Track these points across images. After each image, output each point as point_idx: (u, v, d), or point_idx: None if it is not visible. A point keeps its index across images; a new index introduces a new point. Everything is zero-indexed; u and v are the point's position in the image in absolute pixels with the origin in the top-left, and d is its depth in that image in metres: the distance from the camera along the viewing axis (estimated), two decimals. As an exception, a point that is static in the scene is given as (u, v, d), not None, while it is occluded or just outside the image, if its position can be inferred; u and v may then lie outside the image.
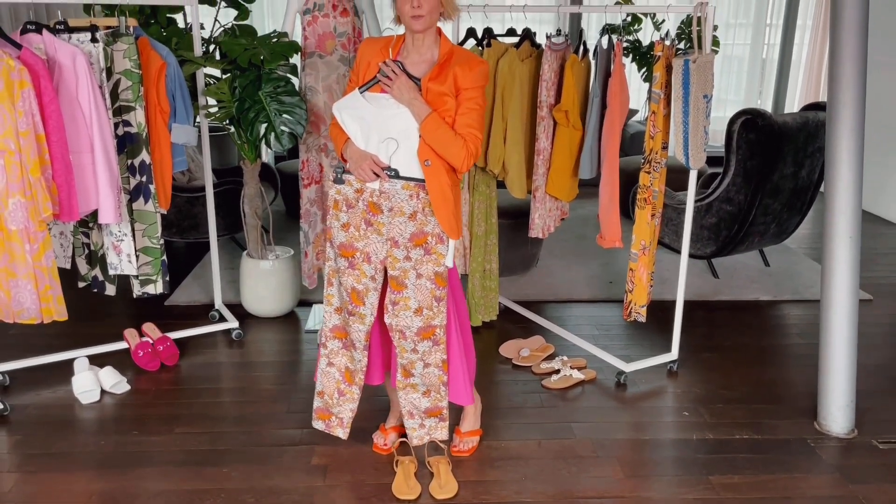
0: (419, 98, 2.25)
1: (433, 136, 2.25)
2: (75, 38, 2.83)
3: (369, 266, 2.38)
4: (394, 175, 2.29)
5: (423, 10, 2.21)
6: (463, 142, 2.26)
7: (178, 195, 4.36)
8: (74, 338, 3.45)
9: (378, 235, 2.35)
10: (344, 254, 2.40)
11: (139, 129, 2.95)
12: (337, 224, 2.40)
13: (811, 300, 4.07)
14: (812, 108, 4.20)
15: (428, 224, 2.33)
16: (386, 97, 2.29)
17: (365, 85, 2.32)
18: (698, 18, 2.84)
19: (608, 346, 3.47)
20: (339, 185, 2.37)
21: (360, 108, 2.31)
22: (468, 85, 2.28)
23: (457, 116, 2.28)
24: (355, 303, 2.42)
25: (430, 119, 2.25)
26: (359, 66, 2.38)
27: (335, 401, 2.55)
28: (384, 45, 2.37)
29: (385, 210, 2.33)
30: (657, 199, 3.04)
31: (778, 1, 7.33)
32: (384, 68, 2.28)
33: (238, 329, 3.53)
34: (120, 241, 3.01)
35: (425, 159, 2.27)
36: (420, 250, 2.34)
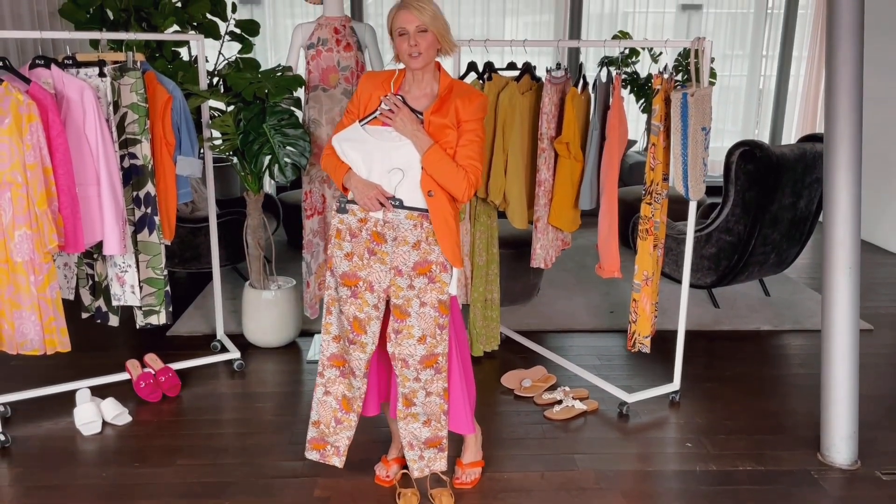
0: (421, 130, 2.30)
1: (435, 167, 2.29)
2: (83, 73, 2.87)
3: (372, 295, 2.40)
4: (398, 205, 2.32)
5: (419, 48, 2.27)
6: (464, 173, 2.31)
7: (181, 225, 4.38)
8: (77, 369, 3.45)
9: (381, 265, 2.37)
10: (346, 283, 2.41)
11: (145, 162, 2.98)
12: (340, 253, 2.42)
13: (812, 330, 4.08)
14: (809, 140, 4.25)
15: (432, 253, 2.35)
16: (388, 130, 2.33)
17: (366, 118, 2.36)
18: (696, 52, 2.89)
19: (610, 376, 3.47)
20: (343, 215, 2.40)
21: (362, 140, 2.34)
22: (468, 117, 2.33)
23: (457, 148, 2.32)
24: (357, 331, 2.43)
25: (433, 151, 2.28)
26: (359, 99, 2.42)
27: (332, 429, 2.55)
28: (385, 79, 2.41)
29: (389, 239, 2.35)
30: (659, 229, 3.07)
31: (774, 32, 7.44)
32: (386, 102, 2.32)
33: (240, 359, 3.54)
34: (124, 273, 3.02)
35: (428, 190, 2.31)
36: (424, 279, 2.36)
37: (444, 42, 2.33)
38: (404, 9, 2.28)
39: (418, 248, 2.35)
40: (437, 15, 2.30)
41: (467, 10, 7.13)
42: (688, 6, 7.34)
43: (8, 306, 2.73)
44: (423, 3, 2.28)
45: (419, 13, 2.26)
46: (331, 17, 3.36)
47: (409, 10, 2.27)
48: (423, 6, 2.28)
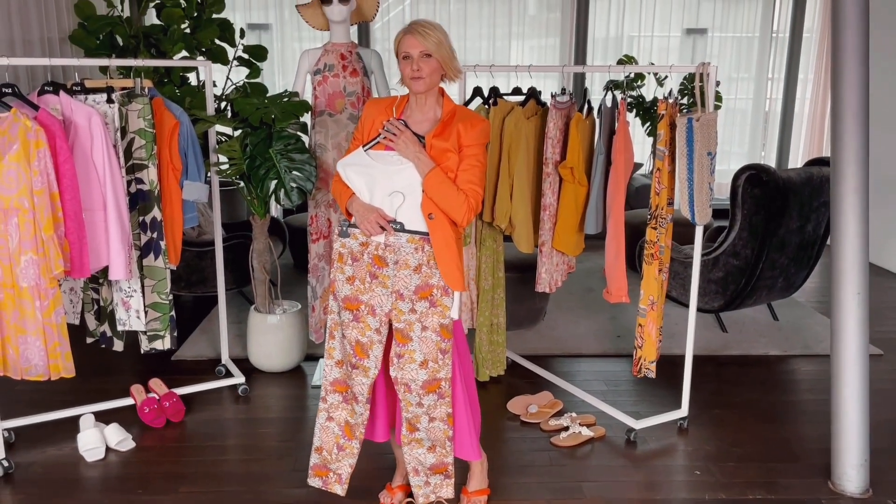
0: (423, 153, 2.31)
1: (436, 189, 2.29)
2: (92, 99, 2.90)
3: (374, 319, 2.39)
4: (399, 228, 2.32)
5: (422, 72, 2.29)
6: (465, 197, 2.31)
7: (187, 249, 4.39)
8: (81, 393, 3.44)
9: (383, 288, 2.37)
10: (348, 307, 2.41)
11: (151, 187, 3.00)
12: (342, 277, 2.42)
13: (821, 355, 4.04)
14: (816, 164, 4.24)
15: (433, 276, 2.35)
16: (390, 154, 2.34)
17: (369, 143, 2.37)
18: (700, 76, 2.90)
19: (617, 401, 3.43)
20: (344, 239, 2.40)
21: (365, 164, 2.36)
22: (470, 142, 2.34)
23: (459, 172, 2.33)
24: (359, 355, 2.42)
25: (434, 173, 2.29)
26: (363, 125, 2.44)
27: (334, 456, 2.53)
28: (388, 104, 2.43)
29: (390, 263, 2.35)
30: (664, 254, 3.05)
31: (779, 55, 7.46)
32: (388, 126, 2.34)
33: (244, 384, 3.52)
34: (129, 297, 3.02)
35: (429, 213, 2.31)
36: (425, 303, 2.36)
37: (448, 68, 2.35)
38: (410, 34, 2.31)
39: (420, 271, 2.34)
40: (443, 41, 2.32)
41: (473, 34, 7.18)
42: (693, 30, 7.38)
43: (13, 332, 2.73)
44: (429, 28, 2.31)
45: (423, 39, 2.29)
46: (337, 44, 3.39)
47: (414, 36, 2.30)
48: (429, 32, 2.30)
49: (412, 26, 2.31)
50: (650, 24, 7.37)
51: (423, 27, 2.30)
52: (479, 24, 7.20)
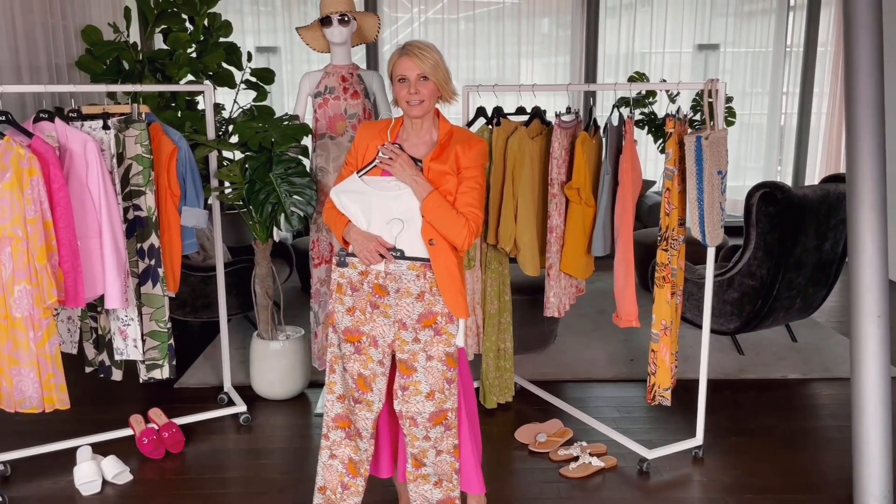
0: (421, 176, 2.24)
1: (435, 214, 2.22)
2: (88, 126, 2.86)
3: (376, 350, 2.31)
4: (399, 256, 2.25)
5: (420, 95, 2.22)
6: (465, 220, 2.23)
7: (193, 274, 4.34)
8: (80, 423, 3.38)
9: (385, 318, 2.29)
10: (349, 339, 2.33)
11: (149, 213, 2.95)
12: (341, 308, 2.34)
13: (842, 378, 3.90)
14: (832, 181, 4.12)
15: (437, 304, 2.27)
16: (387, 179, 2.27)
17: (364, 168, 2.30)
18: (710, 93, 2.81)
19: (630, 429, 3.32)
20: (343, 269, 2.33)
21: (361, 191, 2.28)
22: (468, 164, 2.27)
23: (458, 195, 2.26)
24: (362, 389, 2.33)
25: (432, 197, 2.22)
26: (356, 150, 2.37)
27: (338, 496, 2.43)
28: (382, 128, 2.36)
29: (392, 292, 2.27)
30: (677, 276, 2.95)
31: (794, 70, 7.35)
32: (383, 150, 2.27)
33: (246, 413, 3.44)
34: (126, 326, 2.97)
35: (429, 238, 2.24)
36: (429, 331, 2.27)
37: (444, 91, 2.28)
38: (406, 55, 2.24)
39: (422, 299, 2.26)
40: (439, 63, 2.25)
41: (482, 52, 7.14)
42: (705, 46, 7.30)
43: (6, 363, 2.67)
44: (425, 50, 2.24)
45: (420, 61, 2.22)
46: (338, 66, 3.34)
47: (411, 58, 2.22)
48: (425, 54, 2.23)
49: (407, 48, 2.24)
50: (661, 41, 7.30)
51: (419, 48, 2.23)
52: (489, 44, 7.17)
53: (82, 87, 3.13)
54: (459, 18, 7.13)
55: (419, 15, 7.12)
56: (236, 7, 6.96)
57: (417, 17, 7.12)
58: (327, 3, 3.24)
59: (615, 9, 7.20)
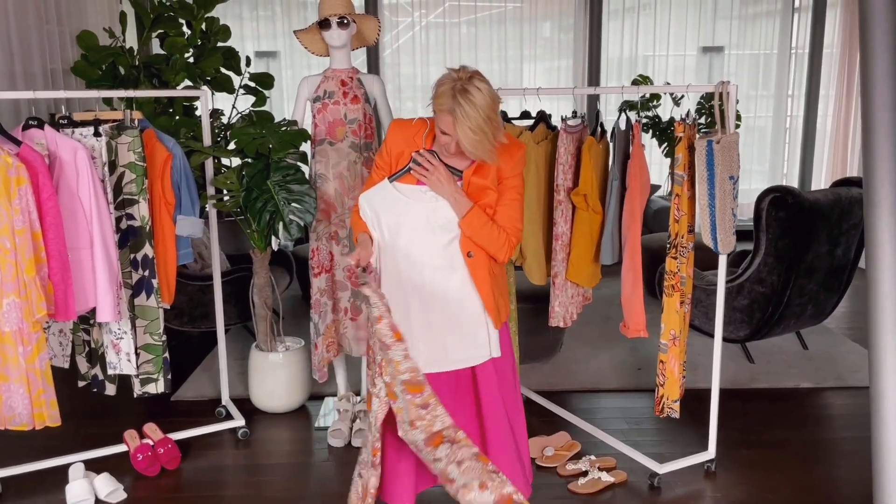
0: (460, 192, 2.16)
1: (475, 230, 2.16)
2: (79, 133, 2.77)
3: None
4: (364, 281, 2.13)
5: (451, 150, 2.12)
6: (505, 236, 2.19)
7: (190, 283, 4.25)
8: (75, 439, 3.29)
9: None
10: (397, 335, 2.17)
11: (142, 223, 2.86)
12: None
13: (857, 387, 3.80)
14: (843, 184, 4.03)
15: None
16: (421, 189, 2.18)
17: (396, 174, 2.20)
18: (720, 97, 2.72)
19: (639, 442, 3.22)
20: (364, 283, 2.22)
21: (393, 199, 2.20)
22: (510, 173, 2.20)
23: (499, 208, 2.19)
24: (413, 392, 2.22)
25: (473, 215, 2.15)
26: (388, 152, 2.25)
27: None
28: (416, 130, 2.24)
29: None
30: (686, 285, 2.86)
31: (799, 72, 7.26)
32: (418, 158, 2.17)
33: (244, 427, 3.35)
34: (119, 340, 2.88)
35: (468, 251, 2.18)
36: None
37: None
38: (450, 116, 2.03)
39: None
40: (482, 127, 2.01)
41: (484, 56, 7.06)
42: (709, 48, 7.21)
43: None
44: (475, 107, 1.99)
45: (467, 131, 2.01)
46: (338, 69, 3.25)
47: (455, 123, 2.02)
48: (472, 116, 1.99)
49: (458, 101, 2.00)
50: (665, 44, 7.21)
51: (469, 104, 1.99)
52: (491, 48, 7.09)
53: (76, 92, 3.05)
54: (461, 22, 7.06)
55: (420, 19, 7.04)
56: (235, 12, 6.88)
57: (419, 21, 7.04)
58: (326, 6, 3.15)
59: (618, 12, 7.12)
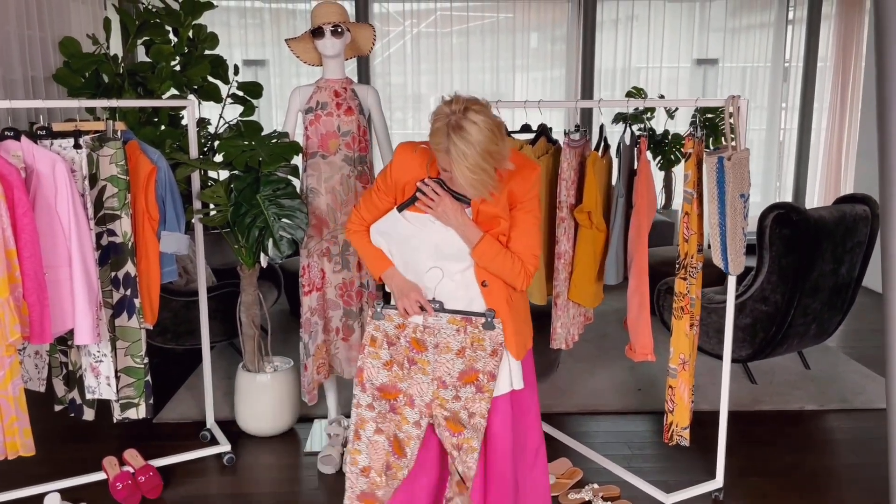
0: (469, 222, 2.03)
1: (488, 261, 2.04)
2: (58, 144, 2.63)
3: (412, 410, 2.11)
4: (439, 308, 2.07)
5: (455, 184, 1.99)
6: (521, 265, 2.06)
7: (175, 299, 4.10)
8: (50, 465, 3.12)
9: (423, 375, 2.10)
10: (385, 395, 2.12)
11: (125, 239, 2.71)
12: (376, 363, 2.13)
13: (862, 409, 3.70)
14: (847, 201, 3.94)
15: (478, 360, 2.07)
16: (430, 218, 2.07)
17: (404, 203, 2.09)
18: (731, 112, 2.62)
19: (643, 469, 3.10)
20: (379, 321, 2.13)
21: (403, 230, 2.09)
22: (523, 196, 2.07)
23: (514, 235, 2.06)
24: (397, 454, 2.12)
25: (484, 244, 2.03)
26: (393, 177, 2.11)
27: None
28: (422, 160, 2.09)
29: (430, 347, 2.09)
30: (695, 306, 2.75)
31: (793, 85, 7.22)
32: (423, 188, 2.03)
33: (230, 453, 3.19)
34: (98, 363, 2.72)
35: (482, 280, 2.07)
36: (471, 388, 2.08)
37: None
38: (447, 155, 1.89)
39: (463, 355, 2.08)
40: (479, 165, 1.87)
41: (476, 66, 6.97)
42: (703, 60, 7.15)
43: (-36, 406, 2.42)
44: (473, 145, 1.85)
45: (466, 171, 1.87)
46: (331, 80, 3.12)
47: (453, 162, 1.89)
48: (470, 155, 1.85)
49: (453, 138, 1.86)
50: (658, 55, 7.15)
51: (466, 143, 1.84)
52: (483, 58, 6.99)
53: (55, 101, 2.91)
54: (452, 32, 6.96)
55: (411, 28, 6.94)
56: (223, 20, 6.75)
57: (409, 30, 6.93)
58: (319, 14, 3.03)
59: (611, 23, 7.05)
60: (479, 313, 2.08)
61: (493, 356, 2.08)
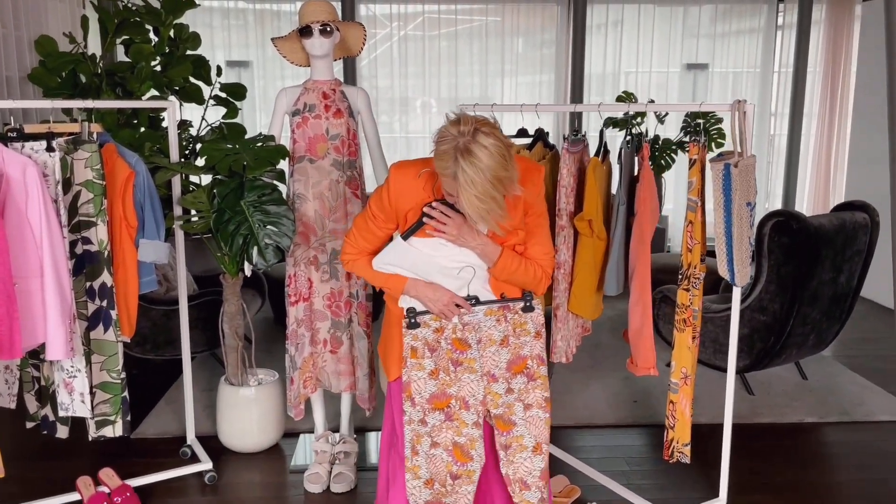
0: (485, 238, 1.95)
1: (510, 275, 1.99)
2: (29, 147, 2.48)
3: (469, 413, 2.01)
4: (475, 303, 2.00)
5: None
6: (542, 270, 2.01)
7: (154, 308, 3.95)
8: (21, 485, 2.96)
9: (471, 374, 2.00)
10: (437, 406, 2.01)
11: (101, 247, 2.56)
12: (422, 374, 2.01)
13: (862, 421, 3.62)
14: (846, 208, 3.86)
15: (524, 347, 2.02)
16: (441, 242, 1.96)
17: (408, 230, 1.97)
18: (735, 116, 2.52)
19: (642, 486, 2.99)
20: (415, 330, 2.01)
21: (413, 258, 1.98)
22: (533, 201, 2.01)
23: (530, 243, 2.02)
24: (461, 460, 2.01)
25: (504, 259, 1.97)
26: (391, 203, 2.00)
27: None
28: (424, 183, 1.97)
29: (473, 343, 2.00)
30: (697, 318, 2.64)
31: (782, 90, 7.17)
32: (431, 212, 1.91)
33: (211, 471, 3.05)
34: (72, 378, 2.57)
35: (501, 293, 2.01)
36: (522, 378, 2.02)
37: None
38: (454, 181, 1.78)
39: (507, 344, 2.02)
40: (489, 193, 1.76)
41: (464, 70, 6.86)
42: (693, 65, 7.09)
43: (-74, 426, 2.26)
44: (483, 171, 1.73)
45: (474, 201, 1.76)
46: (319, 81, 2.99)
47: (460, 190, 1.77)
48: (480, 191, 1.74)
49: (459, 168, 1.74)
50: (647, 60, 7.08)
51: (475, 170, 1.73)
52: (471, 61, 6.88)
53: (29, 102, 2.76)
54: (440, 35, 6.84)
55: (398, 30, 6.82)
56: (205, 21, 6.60)
57: (396, 32, 6.81)
58: (308, 12, 2.90)
59: (600, 27, 6.97)
60: (515, 298, 2.03)
61: (537, 338, 2.04)
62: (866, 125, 6.07)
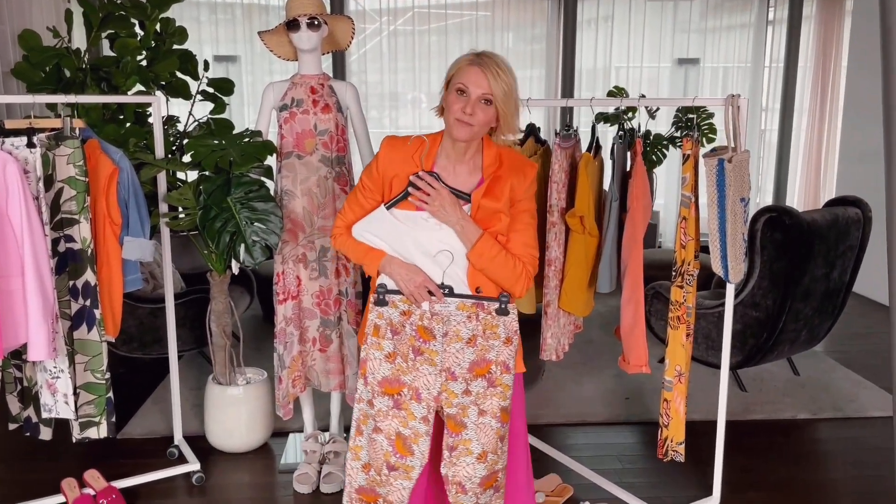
0: (467, 218, 1.90)
1: (486, 262, 1.90)
2: (10, 143, 2.42)
3: (419, 405, 1.95)
4: (448, 293, 1.92)
5: (475, 119, 1.87)
6: (521, 266, 1.93)
7: (140, 306, 3.89)
8: (6, 487, 2.91)
9: (430, 366, 1.94)
10: (387, 391, 1.96)
11: (84, 245, 2.51)
12: (379, 354, 1.96)
13: (855, 417, 3.61)
14: (839, 203, 3.85)
15: (490, 350, 1.94)
16: (422, 216, 1.92)
17: (393, 200, 1.93)
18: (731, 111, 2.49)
19: (635, 484, 2.97)
20: (382, 308, 1.96)
21: (392, 228, 1.93)
22: (523, 194, 1.96)
23: (512, 234, 1.95)
24: (401, 452, 1.96)
25: (483, 244, 1.90)
26: (380, 172, 1.98)
27: None
28: (414, 148, 1.98)
29: (438, 335, 1.93)
30: (691, 315, 2.62)
31: (773, 85, 7.16)
32: (417, 182, 1.90)
33: (199, 472, 3.00)
34: (55, 379, 2.52)
35: (476, 286, 1.93)
36: (482, 382, 1.95)
37: (506, 124, 1.92)
38: (478, 66, 1.87)
39: (474, 344, 1.94)
40: (512, 91, 1.89)
41: (455, 66, 6.80)
42: (685, 60, 7.07)
43: None
44: (503, 70, 1.88)
45: (493, 80, 1.86)
46: (307, 75, 2.94)
47: (484, 72, 1.86)
48: (501, 73, 1.87)
49: (483, 58, 1.88)
50: (638, 55, 7.05)
51: (496, 65, 1.87)
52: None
53: (12, 97, 2.70)
54: (430, 30, 6.79)
55: (387, 24, 6.76)
56: (192, 15, 6.52)
57: (386, 26, 6.76)
58: (295, 5, 2.85)
59: (590, 22, 6.94)
60: (491, 298, 1.95)
61: (506, 344, 1.96)
62: (857, 120, 6.07)
